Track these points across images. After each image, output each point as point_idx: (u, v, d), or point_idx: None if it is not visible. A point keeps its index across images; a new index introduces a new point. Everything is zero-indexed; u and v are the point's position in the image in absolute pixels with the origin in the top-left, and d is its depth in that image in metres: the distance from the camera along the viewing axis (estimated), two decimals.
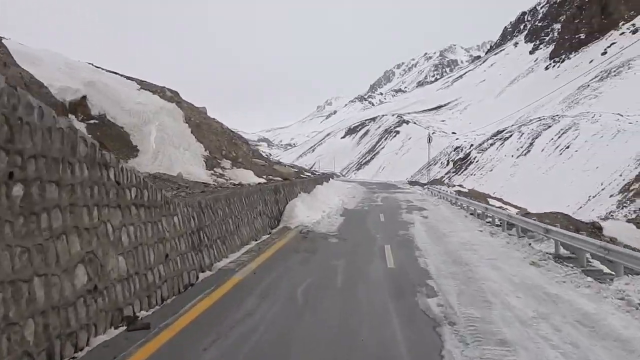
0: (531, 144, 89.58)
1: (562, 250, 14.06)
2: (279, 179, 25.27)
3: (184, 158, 17.75)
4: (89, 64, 22.55)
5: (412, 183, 68.01)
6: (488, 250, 14.90)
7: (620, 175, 61.72)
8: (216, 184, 17.32)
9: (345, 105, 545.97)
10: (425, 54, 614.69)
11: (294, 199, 22.19)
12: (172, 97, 23.40)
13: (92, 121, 16.82)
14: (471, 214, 25.44)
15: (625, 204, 53.04)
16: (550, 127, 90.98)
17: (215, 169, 19.68)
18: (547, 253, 13.91)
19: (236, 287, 9.98)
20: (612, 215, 52.43)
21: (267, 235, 17.34)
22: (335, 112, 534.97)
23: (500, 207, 29.02)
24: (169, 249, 9.29)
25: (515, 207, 33.55)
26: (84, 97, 17.05)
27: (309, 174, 46.10)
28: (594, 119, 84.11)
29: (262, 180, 21.62)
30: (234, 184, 18.22)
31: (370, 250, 14.78)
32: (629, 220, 33.64)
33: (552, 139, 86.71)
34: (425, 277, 11.04)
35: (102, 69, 22.88)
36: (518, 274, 11.41)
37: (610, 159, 69.52)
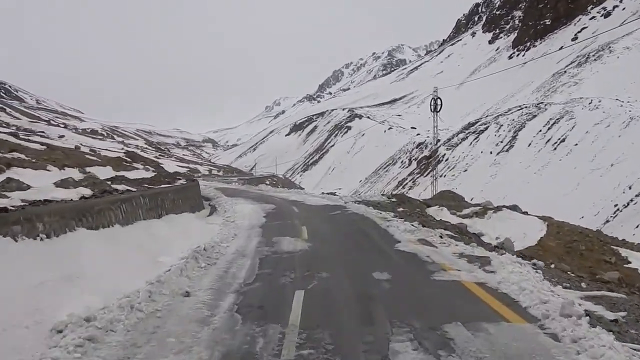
0: (514, 137, 72.91)
1: None
2: None
3: None
4: None
5: (401, 202, 24.64)
6: None
7: None
8: None
9: (294, 105, 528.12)
10: (374, 53, 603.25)
11: None
12: None
13: None
14: None
15: None
16: (535, 116, 74.54)
17: None
18: None
19: None
20: None
21: None
22: (283, 111, 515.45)
23: None
24: None
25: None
26: None
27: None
28: (593, 106, 67.87)
29: None
30: None
31: None
32: None
33: (541, 130, 70.29)
34: None
35: None
36: None
37: (630, 154, 53.04)
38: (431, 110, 49.06)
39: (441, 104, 47.77)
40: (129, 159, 33.14)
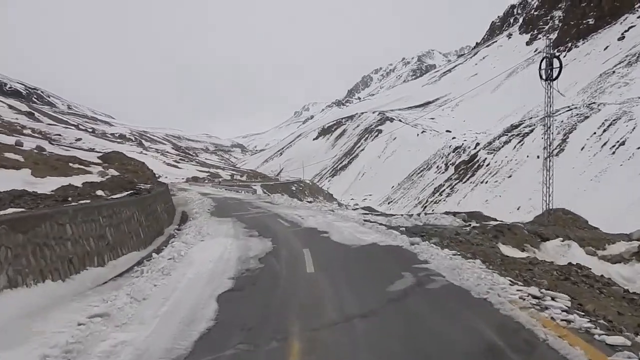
0: (564, 140, 66.46)
1: None
2: None
3: None
4: None
5: None
6: None
7: None
8: None
9: (322, 110, 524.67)
10: (403, 59, 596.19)
11: None
12: None
13: None
14: None
15: None
16: (587, 117, 67.94)
17: None
18: None
19: None
20: None
21: None
22: (312, 117, 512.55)
23: None
24: None
25: None
26: None
27: None
28: None
29: None
30: None
31: None
32: None
33: (595, 132, 63.71)
34: None
35: None
36: None
37: None
38: (541, 77, 30.53)
39: (560, 67, 29.49)
40: (99, 161, 28.34)
